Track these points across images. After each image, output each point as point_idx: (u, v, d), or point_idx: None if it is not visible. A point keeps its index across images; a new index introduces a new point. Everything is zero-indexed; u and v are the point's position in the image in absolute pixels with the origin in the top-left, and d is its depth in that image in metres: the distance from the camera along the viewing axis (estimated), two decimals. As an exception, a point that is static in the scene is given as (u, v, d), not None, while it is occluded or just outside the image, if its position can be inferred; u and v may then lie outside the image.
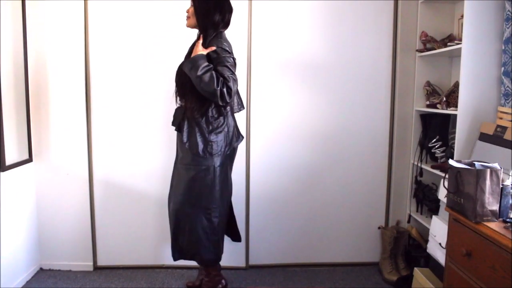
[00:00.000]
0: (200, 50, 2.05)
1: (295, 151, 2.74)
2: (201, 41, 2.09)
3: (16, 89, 2.43)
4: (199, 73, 1.98)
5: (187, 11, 2.16)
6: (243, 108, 2.34)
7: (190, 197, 2.17)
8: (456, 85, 2.36)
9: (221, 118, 2.16)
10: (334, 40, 2.67)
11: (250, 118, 2.69)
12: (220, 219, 2.24)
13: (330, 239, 2.82)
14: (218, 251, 2.29)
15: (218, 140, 2.15)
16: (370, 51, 2.69)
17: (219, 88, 1.98)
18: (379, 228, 2.82)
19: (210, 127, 2.13)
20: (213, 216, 2.20)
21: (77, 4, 2.54)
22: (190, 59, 2.04)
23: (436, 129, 2.53)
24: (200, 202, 2.18)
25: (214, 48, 2.05)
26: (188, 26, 2.18)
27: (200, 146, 2.11)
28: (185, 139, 2.13)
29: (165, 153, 2.62)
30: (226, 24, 2.16)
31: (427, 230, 2.40)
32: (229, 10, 2.16)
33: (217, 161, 2.17)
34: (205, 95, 2.03)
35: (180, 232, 2.23)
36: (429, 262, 2.35)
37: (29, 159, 2.57)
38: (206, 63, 2.01)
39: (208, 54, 2.05)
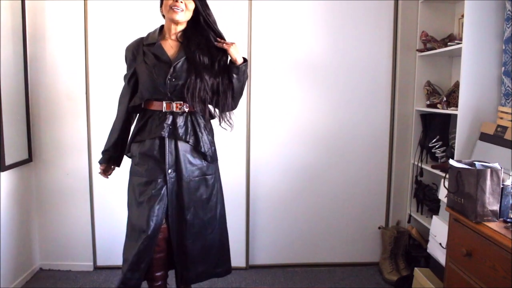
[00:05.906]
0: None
1: (295, 151, 2.74)
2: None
3: (16, 90, 2.43)
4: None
5: (181, 3, 1.76)
6: None
7: (219, 209, 1.99)
8: (457, 85, 2.36)
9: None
10: (334, 40, 2.67)
11: (250, 118, 2.69)
12: None
13: (330, 239, 2.82)
14: None
15: None
16: (370, 51, 2.69)
17: None
18: (379, 228, 2.82)
19: (211, 133, 1.96)
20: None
21: (77, 4, 2.54)
22: (246, 62, 1.88)
23: (437, 129, 2.53)
24: (224, 210, 2.05)
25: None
26: (181, 20, 1.80)
27: (216, 153, 1.97)
28: (206, 148, 1.88)
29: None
30: None
31: (427, 230, 2.40)
32: None
33: None
34: (236, 99, 1.91)
35: (209, 249, 1.95)
36: (429, 262, 2.35)
37: (29, 159, 2.57)
38: None
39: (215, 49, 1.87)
